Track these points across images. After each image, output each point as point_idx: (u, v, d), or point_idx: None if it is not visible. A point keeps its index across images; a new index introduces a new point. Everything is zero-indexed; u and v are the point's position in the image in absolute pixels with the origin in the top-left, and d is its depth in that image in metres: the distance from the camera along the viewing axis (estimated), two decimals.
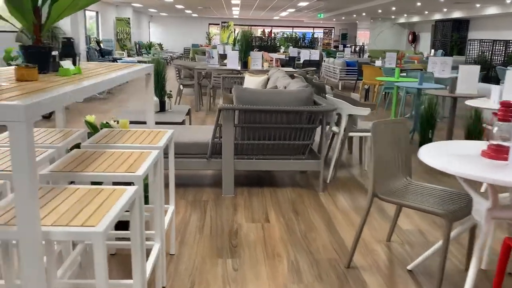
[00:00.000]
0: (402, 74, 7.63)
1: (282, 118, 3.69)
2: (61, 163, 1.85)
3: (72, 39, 1.88)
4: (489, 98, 4.69)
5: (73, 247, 2.22)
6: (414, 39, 22.69)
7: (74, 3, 1.75)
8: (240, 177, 4.26)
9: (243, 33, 8.74)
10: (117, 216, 1.37)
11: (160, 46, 23.12)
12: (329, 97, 4.28)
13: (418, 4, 14.86)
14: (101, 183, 2.41)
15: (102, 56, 13.17)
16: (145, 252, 1.78)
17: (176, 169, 3.75)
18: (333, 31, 30.23)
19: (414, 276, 2.57)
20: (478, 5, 14.72)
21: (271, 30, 28.03)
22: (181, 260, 2.68)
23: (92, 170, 1.76)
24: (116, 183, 2.31)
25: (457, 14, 16.59)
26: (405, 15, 20.72)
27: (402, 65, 9.85)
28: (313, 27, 29.58)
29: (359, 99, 4.34)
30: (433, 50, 18.17)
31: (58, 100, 1.21)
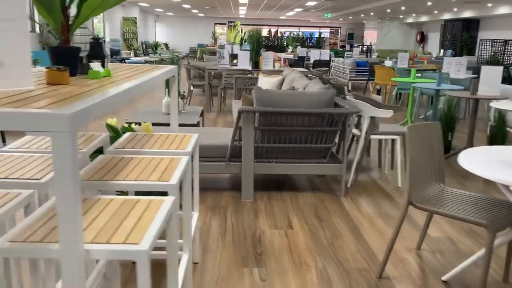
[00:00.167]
0: (417, 75, 7.50)
1: (304, 120, 3.58)
2: (89, 170, 1.75)
3: (101, 39, 1.77)
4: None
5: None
6: (422, 39, 22.49)
7: (105, 2, 1.65)
8: (258, 181, 4.15)
9: (253, 32, 8.63)
10: (159, 232, 1.27)
11: (166, 45, 23.05)
12: (350, 99, 4.16)
13: (429, 3, 14.70)
14: (127, 192, 2.31)
15: (110, 56, 13.10)
16: (177, 264, 1.68)
17: None
18: (339, 31, 30.07)
19: (450, 287, 2.46)
20: (489, 5, 14.54)
21: (277, 30, 27.90)
22: (205, 269, 2.58)
23: (123, 178, 1.66)
24: (139, 192, 2.21)
25: (467, 14, 16.41)
26: (414, 14, 20.55)
27: (415, 65, 9.68)
28: (320, 27, 29.42)
29: (382, 101, 4.22)
30: (442, 50, 17.99)
31: (102, 107, 1.11)
